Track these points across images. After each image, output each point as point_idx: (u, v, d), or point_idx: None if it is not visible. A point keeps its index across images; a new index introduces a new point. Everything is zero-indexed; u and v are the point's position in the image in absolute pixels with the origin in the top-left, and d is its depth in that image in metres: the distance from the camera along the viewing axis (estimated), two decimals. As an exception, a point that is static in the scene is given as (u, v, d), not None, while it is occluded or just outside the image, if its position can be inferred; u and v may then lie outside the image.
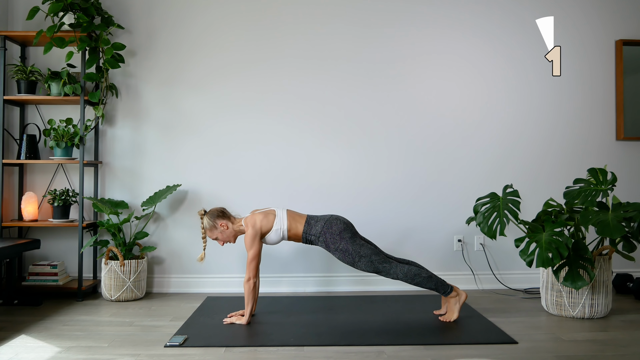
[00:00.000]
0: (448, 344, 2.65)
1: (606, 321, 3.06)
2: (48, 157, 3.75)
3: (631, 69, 3.98)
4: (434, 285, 3.00)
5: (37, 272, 3.60)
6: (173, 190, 3.67)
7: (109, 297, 3.54)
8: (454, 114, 3.93)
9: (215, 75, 3.86)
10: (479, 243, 3.92)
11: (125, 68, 3.84)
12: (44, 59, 3.81)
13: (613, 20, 3.99)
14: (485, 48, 3.94)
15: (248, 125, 3.86)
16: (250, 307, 2.98)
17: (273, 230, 3.02)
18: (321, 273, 3.87)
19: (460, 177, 3.92)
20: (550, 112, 3.96)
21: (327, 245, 3.01)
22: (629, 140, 3.99)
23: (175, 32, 3.86)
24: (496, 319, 3.09)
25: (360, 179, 3.88)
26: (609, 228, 2.83)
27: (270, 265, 3.80)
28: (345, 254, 2.98)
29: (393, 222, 3.86)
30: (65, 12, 3.48)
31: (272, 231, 3.03)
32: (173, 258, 3.86)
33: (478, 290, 3.86)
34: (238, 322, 3.00)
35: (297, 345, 2.64)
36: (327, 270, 3.87)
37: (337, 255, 3.01)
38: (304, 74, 3.88)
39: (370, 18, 3.89)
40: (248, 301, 2.98)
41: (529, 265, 2.98)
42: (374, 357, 2.49)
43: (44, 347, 2.63)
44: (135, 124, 3.86)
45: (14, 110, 3.83)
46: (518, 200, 3.15)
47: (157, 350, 2.59)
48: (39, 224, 3.58)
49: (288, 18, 3.88)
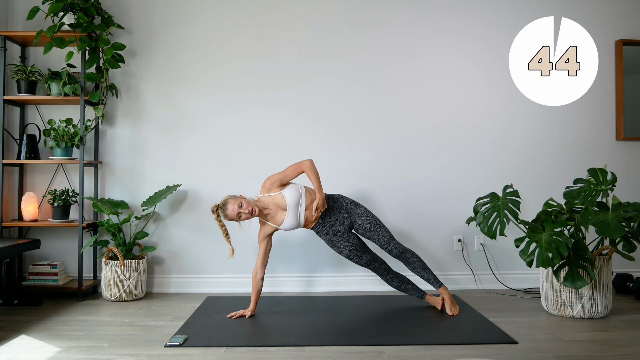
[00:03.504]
0: (448, 344, 2.65)
1: (606, 321, 3.06)
2: (48, 157, 3.75)
3: (631, 69, 3.98)
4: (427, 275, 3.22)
5: (37, 272, 3.60)
6: (173, 190, 3.67)
7: (109, 297, 3.54)
8: (454, 114, 3.93)
9: (215, 74, 3.86)
10: (479, 243, 3.92)
11: (125, 68, 3.84)
12: (44, 59, 3.81)
13: (613, 20, 3.99)
14: (485, 48, 3.94)
15: (248, 124, 3.86)
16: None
17: (291, 185, 3.12)
18: (321, 273, 3.87)
19: (460, 177, 3.92)
20: (550, 112, 3.96)
21: (347, 205, 3.21)
22: (629, 140, 3.99)
23: (175, 32, 3.86)
24: (496, 319, 3.09)
25: (361, 180, 3.88)
26: (609, 228, 2.83)
27: (271, 265, 3.80)
28: (367, 213, 3.19)
29: (393, 222, 3.86)
30: (65, 12, 3.48)
31: (290, 186, 3.11)
32: (173, 258, 3.86)
33: (478, 290, 3.86)
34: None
35: (297, 345, 2.64)
36: (328, 271, 3.87)
37: (359, 218, 3.18)
38: (304, 73, 3.87)
39: (371, 19, 3.90)
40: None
41: (529, 265, 2.98)
42: (374, 357, 2.49)
43: (44, 347, 2.63)
44: (135, 124, 3.86)
45: (14, 110, 3.83)
46: (518, 200, 3.15)
47: (157, 350, 2.59)
48: (39, 224, 3.58)
49: (288, 17, 3.88)
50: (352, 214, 3.21)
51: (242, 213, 3.00)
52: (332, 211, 3.19)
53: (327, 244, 3.25)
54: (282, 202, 3.08)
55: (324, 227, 3.18)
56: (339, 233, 3.19)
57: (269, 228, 3.15)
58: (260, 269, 3.15)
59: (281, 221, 3.10)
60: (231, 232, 3.31)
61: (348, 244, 3.19)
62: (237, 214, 3.00)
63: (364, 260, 3.22)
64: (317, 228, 3.20)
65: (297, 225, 3.13)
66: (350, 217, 3.21)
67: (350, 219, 3.21)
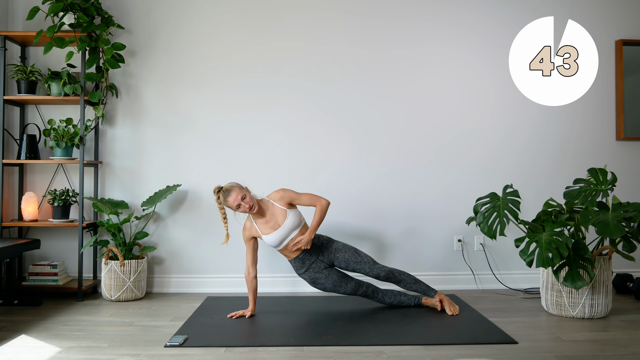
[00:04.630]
0: (448, 344, 2.65)
1: (606, 321, 3.06)
2: (48, 157, 3.75)
3: (631, 69, 3.98)
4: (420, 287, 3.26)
5: (37, 272, 3.60)
6: (173, 190, 3.67)
7: (109, 297, 3.54)
8: (455, 114, 3.93)
9: (215, 74, 3.86)
10: (479, 243, 3.92)
11: (125, 68, 3.84)
12: (44, 59, 3.81)
13: (613, 20, 3.99)
14: (484, 48, 3.94)
15: (248, 124, 3.86)
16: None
17: (297, 211, 3.16)
18: (321, 273, 3.87)
19: (460, 177, 3.92)
20: (551, 112, 3.96)
21: (326, 242, 3.21)
22: (629, 140, 3.99)
23: (175, 32, 3.86)
24: (496, 319, 3.09)
25: (362, 182, 3.88)
26: (609, 228, 2.83)
27: (271, 265, 3.80)
28: (346, 247, 3.23)
29: (393, 222, 3.86)
30: (65, 12, 3.48)
31: (296, 211, 3.15)
32: (173, 258, 3.86)
33: (478, 290, 3.86)
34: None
35: (297, 345, 2.64)
36: (327, 270, 3.87)
37: (339, 253, 3.18)
38: (304, 72, 3.87)
39: (371, 19, 3.90)
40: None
41: (529, 265, 2.98)
42: (374, 357, 2.49)
43: (44, 347, 2.63)
44: (135, 124, 3.86)
45: (14, 110, 3.83)
46: (518, 200, 3.15)
47: (157, 350, 2.59)
48: (39, 224, 3.58)
49: (288, 17, 3.88)
50: (331, 250, 3.20)
51: (242, 205, 3.01)
52: (313, 250, 3.18)
53: (309, 283, 3.24)
54: (281, 219, 3.08)
55: (304, 263, 3.18)
56: (318, 270, 3.19)
57: (255, 231, 3.12)
58: (251, 268, 3.14)
59: (267, 233, 3.09)
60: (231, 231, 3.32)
61: (330, 277, 3.19)
62: (237, 204, 3.02)
63: (350, 288, 3.22)
64: (297, 264, 3.19)
65: (277, 245, 3.12)
66: (330, 255, 3.20)
67: (329, 257, 3.20)
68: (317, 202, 3.09)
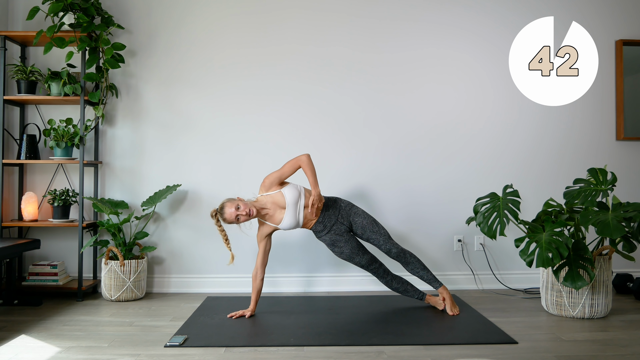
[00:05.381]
0: (448, 344, 2.65)
1: (606, 321, 3.06)
2: (48, 157, 3.75)
3: (631, 69, 3.98)
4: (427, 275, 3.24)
5: (37, 272, 3.60)
6: (173, 190, 3.67)
7: (109, 297, 3.54)
8: (454, 114, 3.93)
9: (215, 74, 3.86)
10: (479, 243, 3.92)
11: (125, 68, 3.84)
12: (44, 59, 3.81)
13: (613, 20, 3.99)
14: (484, 48, 3.94)
15: (248, 124, 3.86)
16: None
17: (291, 184, 3.15)
18: (321, 273, 3.87)
19: (460, 177, 3.92)
20: (551, 112, 3.96)
21: (345, 205, 3.23)
22: (629, 140, 3.99)
23: (175, 32, 3.86)
24: (496, 319, 3.09)
25: (361, 181, 3.88)
26: (609, 228, 2.83)
27: (271, 266, 3.79)
28: (365, 214, 3.22)
29: (393, 222, 3.86)
30: (65, 12, 3.48)
31: (290, 185, 3.14)
32: (173, 258, 3.86)
33: (478, 290, 3.86)
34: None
35: (297, 345, 2.64)
36: (327, 271, 3.87)
37: (358, 218, 3.20)
38: (304, 73, 3.87)
39: (371, 21, 3.90)
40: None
41: (529, 265, 2.98)
42: (374, 357, 2.49)
43: (44, 347, 2.63)
44: (135, 124, 3.86)
45: (14, 110, 3.83)
46: (518, 200, 3.15)
47: (157, 350, 2.59)
48: (39, 224, 3.58)
49: (288, 18, 3.88)
50: (350, 213, 3.22)
51: (240, 215, 3.01)
52: (332, 211, 3.19)
53: (328, 246, 3.24)
54: (282, 200, 3.09)
55: (325, 226, 3.18)
56: (339, 232, 3.19)
57: (268, 228, 3.15)
58: (260, 270, 3.15)
59: (280, 220, 3.10)
60: (231, 232, 3.32)
61: (349, 243, 3.19)
62: (235, 216, 3.01)
63: (365, 260, 3.21)
64: (318, 228, 3.19)
65: (295, 225, 3.13)
66: (349, 217, 3.22)
67: (349, 219, 3.22)
68: (299, 163, 3.11)
